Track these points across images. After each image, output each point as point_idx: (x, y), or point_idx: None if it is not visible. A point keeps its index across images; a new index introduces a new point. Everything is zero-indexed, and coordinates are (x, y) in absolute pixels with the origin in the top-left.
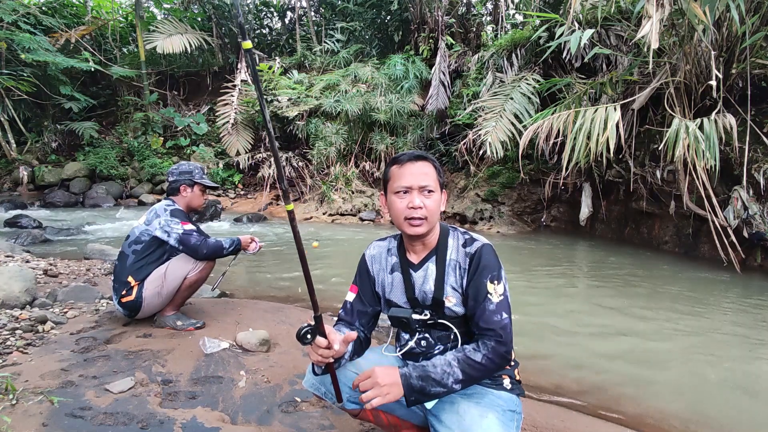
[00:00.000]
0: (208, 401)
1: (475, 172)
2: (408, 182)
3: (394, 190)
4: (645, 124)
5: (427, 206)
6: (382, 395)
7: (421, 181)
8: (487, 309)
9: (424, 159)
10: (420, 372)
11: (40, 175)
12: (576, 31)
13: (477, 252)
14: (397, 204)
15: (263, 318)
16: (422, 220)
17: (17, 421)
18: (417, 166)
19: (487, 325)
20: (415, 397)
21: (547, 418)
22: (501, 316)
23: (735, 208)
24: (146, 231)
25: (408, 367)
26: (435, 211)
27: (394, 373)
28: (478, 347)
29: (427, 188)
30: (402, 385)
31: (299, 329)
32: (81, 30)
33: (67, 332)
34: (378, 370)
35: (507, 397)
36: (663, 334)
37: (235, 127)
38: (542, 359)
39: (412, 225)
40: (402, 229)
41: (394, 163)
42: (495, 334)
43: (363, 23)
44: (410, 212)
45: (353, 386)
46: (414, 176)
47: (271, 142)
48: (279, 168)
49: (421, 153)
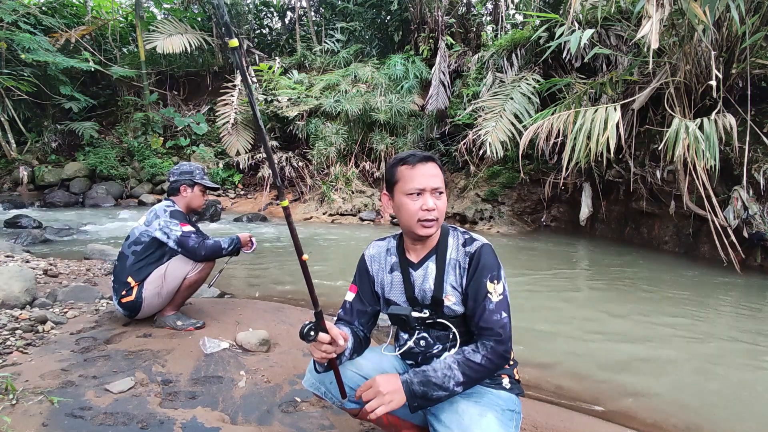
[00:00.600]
0: (208, 401)
1: (475, 172)
2: (422, 184)
3: (407, 192)
4: (645, 124)
5: (438, 208)
6: (386, 403)
7: (433, 183)
8: (486, 308)
9: (433, 160)
10: (421, 377)
11: (40, 175)
12: (576, 31)
13: (477, 251)
14: (410, 206)
15: (263, 318)
16: (434, 221)
17: (17, 421)
18: (428, 167)
19: (486, 324)
20: (418, 402)
21: (547, 418)
22: (500, 315)
23: (735, 208)
24: (146, 232)
25: (408, 374)
26: (444, 212)
27: (395, 380)
28: (477, 348)
29: (438, 190)
30: (404, 392)
31: (302, 327)
32: (81, 30)
33: (67, 332)
34: (379, 379)
35: (506, 396)
36: (663, 334)
37: (235, 127)
38: (542, 359)
39: (424, 227)
40: (413, 230)
41: (402, 163)
42: (494, 333)
43: (363, 23)
44: (424, 214)
45: (356, 397)
46: (426, 178)
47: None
48: (272, 164)
49: (428, 154)
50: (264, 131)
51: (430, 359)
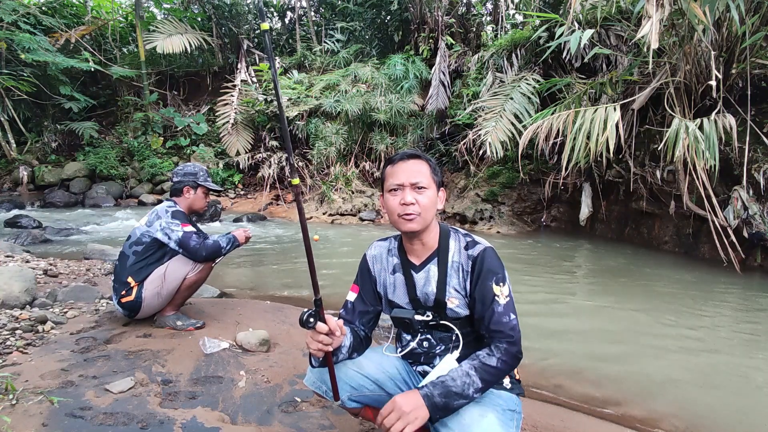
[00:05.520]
0: (208, 401)
1: (475, 172)
2: (399, 179)
3: (388, 189)
4: (645, 124)
5: (420, 202)
6: (411, 422)
7: (412, 177)
8: (495, 311)
9: (417, 157)
10: (441, 389)
11: (40, 175)
12: (576, 31)
13: (480, 255)
14: (390, 201)
15: (263, 318)
16: (415, 216)
17: (17, 421)
18: (409, 164)
19: (497, 327)
20: (440, 414)
21: (547, 418)
22: (509, 317)
23: (735, 208)
24: (147, 232)
25: (427, 387)
26: (429, 207)
27: (415, 396)
28: (492, 352)
29: (418, 184)
30: (426, 406)
31: (302, 313)
32: (81, 30)
33: (67, 332)
34: (398, 399)
35: (507, 396)
36: (663, 334)
37: (235, 127)
38: (542, 359)
39: (405, 220)
40: (397, 226)
41: (388, 163)
42: (505, 335)
43: (363, 23)
44: (403, 209)
45: (378, 425)
46: (405, 173)
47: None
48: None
49: (415, 152)
50: (284, 113)
51: (433, 359)
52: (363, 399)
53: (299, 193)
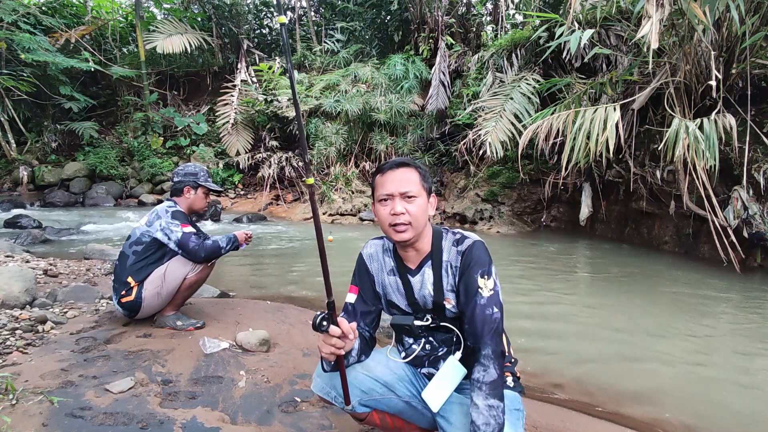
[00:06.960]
0: (208, 401)
1: (475, 172)
2: (389, 189)
3: (378, 199)
4: (645, 124)
5: (410, 212)
6: None
7: (401, 187)
8: (477, 303)
9: (406, 165)
10: None
11: (40, 175)
12: (576, 31)
13: (468, 249)
14: (380, 212)
15: (263, 318)
16: (406, 225)
17: (17, 421)
18: (398, 172)
19: (478, 319)
20: None
21: (547, 418)
22: (492, 310)
23: (735, 208)
24: (147, 232)
25: None
26: (419, 216)
27: None
28: (486, 365)
29: (408, 194)
30: None
31: (315, 317)
32: (81, 30)
33: (67, 332)
34: None
35: (512, 396)
36: (663, 334)
37: (235, 127)
38: (542, 359)
39: (396, 231)
40: (389, 236)
41: (377, 172)
42: (487, 337)
43: (363, 23)
44: (393, 219)
45: None
46: (395, 183)
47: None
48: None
49: (404, 160)
50: (299, 105)
51: (436, 361)
52: (372, 403)
53: (314, 193)
